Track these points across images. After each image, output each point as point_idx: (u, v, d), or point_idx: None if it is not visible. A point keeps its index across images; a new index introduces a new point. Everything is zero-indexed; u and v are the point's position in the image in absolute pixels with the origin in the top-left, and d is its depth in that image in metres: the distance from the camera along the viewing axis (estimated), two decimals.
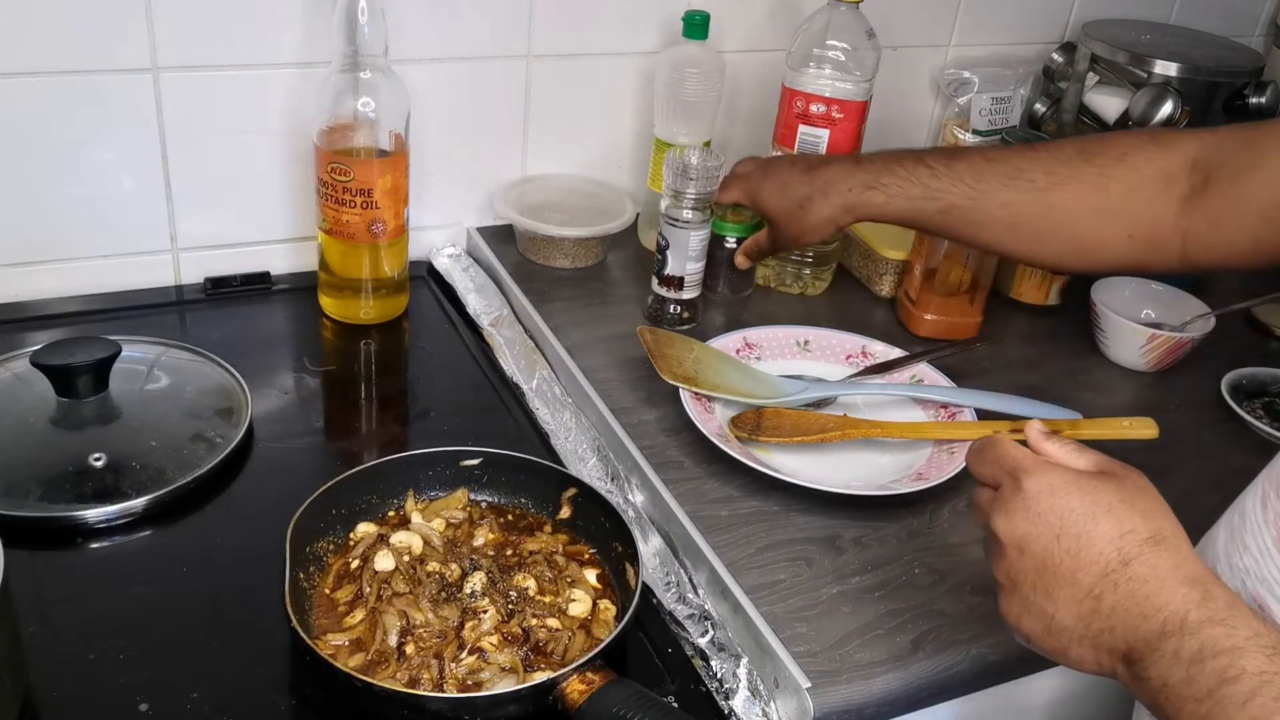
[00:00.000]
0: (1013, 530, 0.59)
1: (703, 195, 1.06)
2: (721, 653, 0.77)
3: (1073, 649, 0.58)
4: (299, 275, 1.19)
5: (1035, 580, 0.58)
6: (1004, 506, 0.60)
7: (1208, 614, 0.54)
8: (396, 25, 1.08)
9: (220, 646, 0.75)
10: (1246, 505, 0.63)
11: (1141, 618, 0.55)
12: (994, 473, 0.62)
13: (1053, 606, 0.58)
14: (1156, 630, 0.54)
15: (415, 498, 0.86)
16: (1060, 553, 0.57)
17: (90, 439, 0.89)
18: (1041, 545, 0.58)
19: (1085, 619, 0.57)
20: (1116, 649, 0.56)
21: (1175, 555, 0.56)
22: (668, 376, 0.97)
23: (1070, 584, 0.57)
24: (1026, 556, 0.59)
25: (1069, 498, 0.58)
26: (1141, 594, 0.55)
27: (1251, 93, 1.30)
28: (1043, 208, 0.91)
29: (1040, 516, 0.58)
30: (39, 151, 1.05)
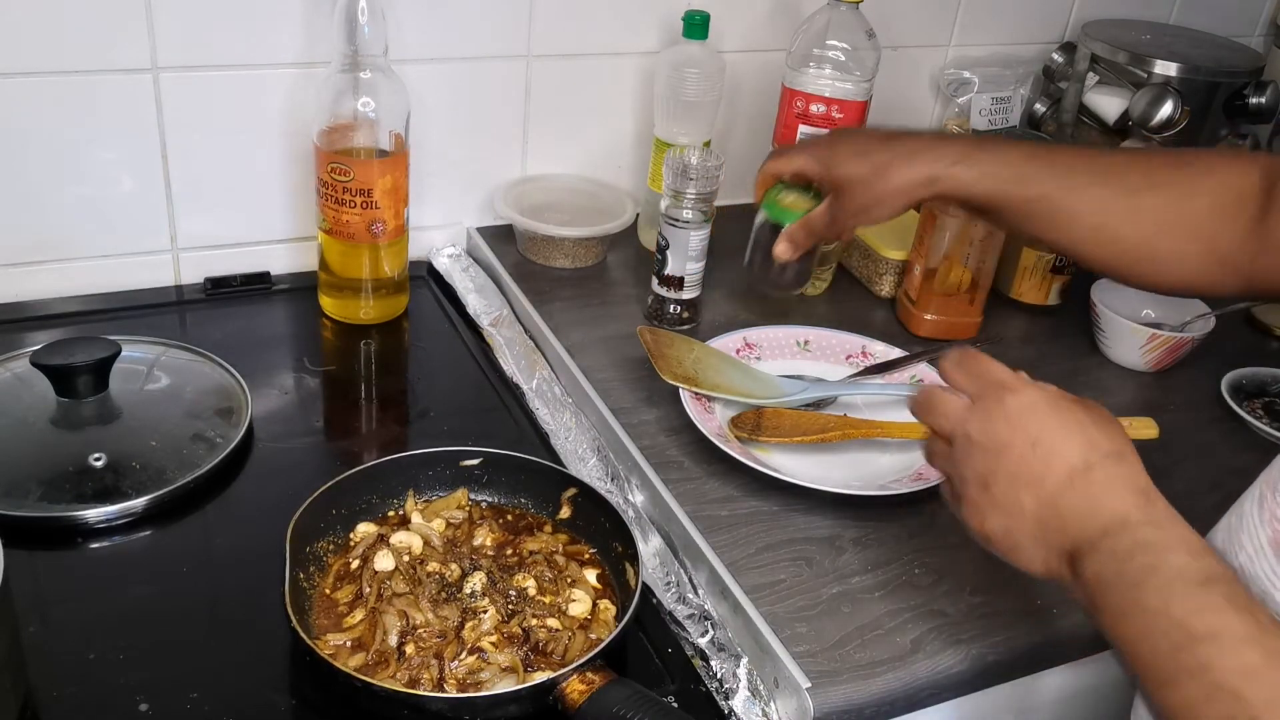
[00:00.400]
0: (994, 436, 0.64)
1: (703, 195, 1.06)
2: (721, 653, 0.77)
3: (1026, 548, 0.64)
4: (299, 275, 1.19)
5: (1007, 483, 0.63)
6: (986, 414, 0.65)
7: (1146, 517, 0.60)
8: (396, 25, 1.08)
9: (220, 646, 0.75)
10: (1245, 506, 0.64)
11: (1090, 517, 0.61)
12: (975, 383, 0.66)
13: (1017, 506, 0.63)
14: (1100, 529, 0.60)
15: (415, 498, 0.86)
16: (1034, 458, 0.62)
17: (90, 439, 0.89)
18: (1018, 451, 0.63)
19: (1044, 520, 0.62)
20: (1064, 548, 0.62)
21: (1131, 469, 0.62)
22: (667, 376, 0.97)
23: (1037, 487, 0.62)
24: (1003, 460, 0.63)
25: (1047, 413, 0.64)
26: (1094, 496, 0.61)
27: (1251, 93, 1.30)
28: (1130, 211, 0.86)
29: (1022, 426, 0.63)
30: (39, 151, 1.05)
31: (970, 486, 0.65)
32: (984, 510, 0.65)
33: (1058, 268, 1.21)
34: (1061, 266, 1.22)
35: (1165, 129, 1.29)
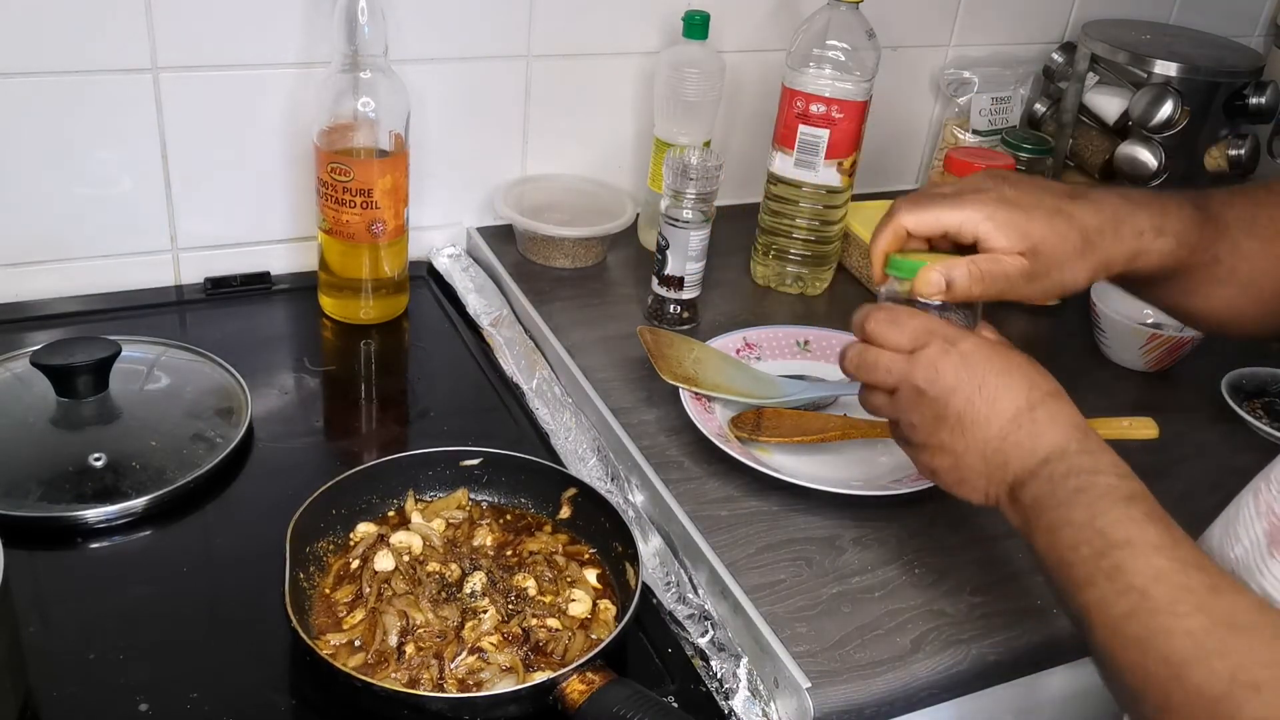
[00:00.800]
0: (941, 384, 0.68)
1: (703, 195, 1.06)
2: (721, 653, 0.77)
3: (970, 481, 0.69)
4: (299, 275, 1.19)
5: (955, 424, 0.68)
6: (934, 363, 0.68)
7: (1081, 447, 0.65)
8: (396, 25, 1.08)
9: (220, 646, 0.75)
10: (1244, 500, 0.65)
11: (1032, 451, 0.66)
12: (918, 337, 0.69)
13: (964, 446, 0.68)
14: (1041, 459, 0.65)
15: (415, 498, 0.86)
16: (980, 401, 0.67)
17: (90, 439, 0.89)
18: (965, 395, 0.68)
19: (988, 457, 0.67)
20: (1005, 480, 0.67)
21: (1068, 406, 0.68)
22: (667, 376, 0.97)
23: (984, 427, 0.67)
24: (950, 406, 0.68)
25: (989, 357, 0.68)
26: (1038, 432, 0.66)
27: (1251, 93, 1.30)
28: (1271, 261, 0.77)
29: (966, 373, 0.68)
30: (39, 151, 1.05)
31: (919, 431, 0.70)
32: (932, 450, 0.70)
33: None
34: None
35: (1165, 129, 1.29)
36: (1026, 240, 0.71)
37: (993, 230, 0.71)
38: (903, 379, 0.70)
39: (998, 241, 0.72)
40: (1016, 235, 0.71)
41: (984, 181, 0.75)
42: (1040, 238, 0.72)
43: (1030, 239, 0.71)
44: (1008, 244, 0.71)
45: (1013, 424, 0.67)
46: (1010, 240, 0.71)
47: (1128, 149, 1.32)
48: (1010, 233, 0.71)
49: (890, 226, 0.75)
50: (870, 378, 0.72)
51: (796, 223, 1.19)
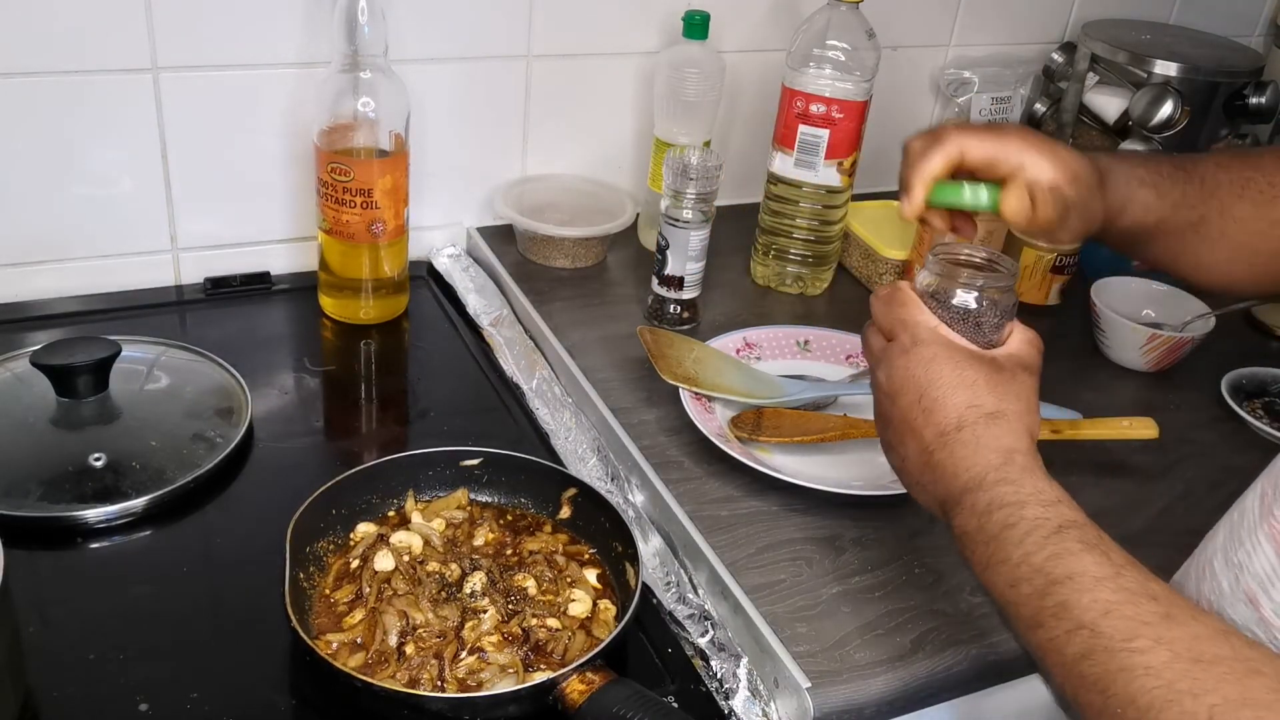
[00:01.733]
0: (891, 382, 0.67)
1: (703, 195, 1.06)
2: (721, 653, 0.77)
3: (912, 489, 0.68)
4: (299, 275, 1.19)
5: (897, 427, 0.68)
6: (890, 361, 0.68)
7: (1001, 475, 0.62)
8: (396, 25, 1.08)
9: (220, 646, 0.75)
10: (1247, 504, 0.64)
11: (953, 476, 0.64)
12: (890, 325, 0.69)
13: (904, 451, 0.67)
14: (961, 487, 0.63)
15: (415, 498, 0.86)
16: (918, 410, 0.66)
17: (90, 439, 0.89)
18: (907, 400, 0.66)
19: (920, 469, 0.66)
20: (937, 497, 0.66)
21: (1001, 429, 0.64)
22: (668, 377, 0.97)
23: (917, 438, 0.66)
24: (895, 407, 0.67)
25: (942, 367, 0.66)
26: (959, 455, 0.64)
27: (1251, 93, 1.30)
28: (1267, 224, 0.80)
29: (914, 378, 0.66)
30: (39, 151, 1.05)
31: (877, 422, 0.71)
32: (887, 444, 0.70)
33: (1058, 267, 1.22)
34: (1061, 266, 1.22)
35: (1165, 129, 1.29)
36: (1067, 168, 0.74)
37: (1037, 158, 0.73)
38: (874, 366, 0.70)
39: (1041, 169, 0.73)
40: (1058, 163, 0.73)
41: (990, 128, 0.76)
42: (1077, 166, 0.74)
43: (1070, 167, 0.74)
44: (1051, 171, 0.73)
45: (938, 442, 0.65)
46: (1054, 167, 0.73)
47: (1128, 149, 1.32)
48: (1053, 160, 0.73)
49: (943, 150, 0.73)
50: (865, 354, 0.73)
51: (796, 223, 1.19)
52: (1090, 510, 0.73)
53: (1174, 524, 0.91)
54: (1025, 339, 0.69)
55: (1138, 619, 0.54)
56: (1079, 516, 0.60)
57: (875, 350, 0.70)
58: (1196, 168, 0.82)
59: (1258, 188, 0.81)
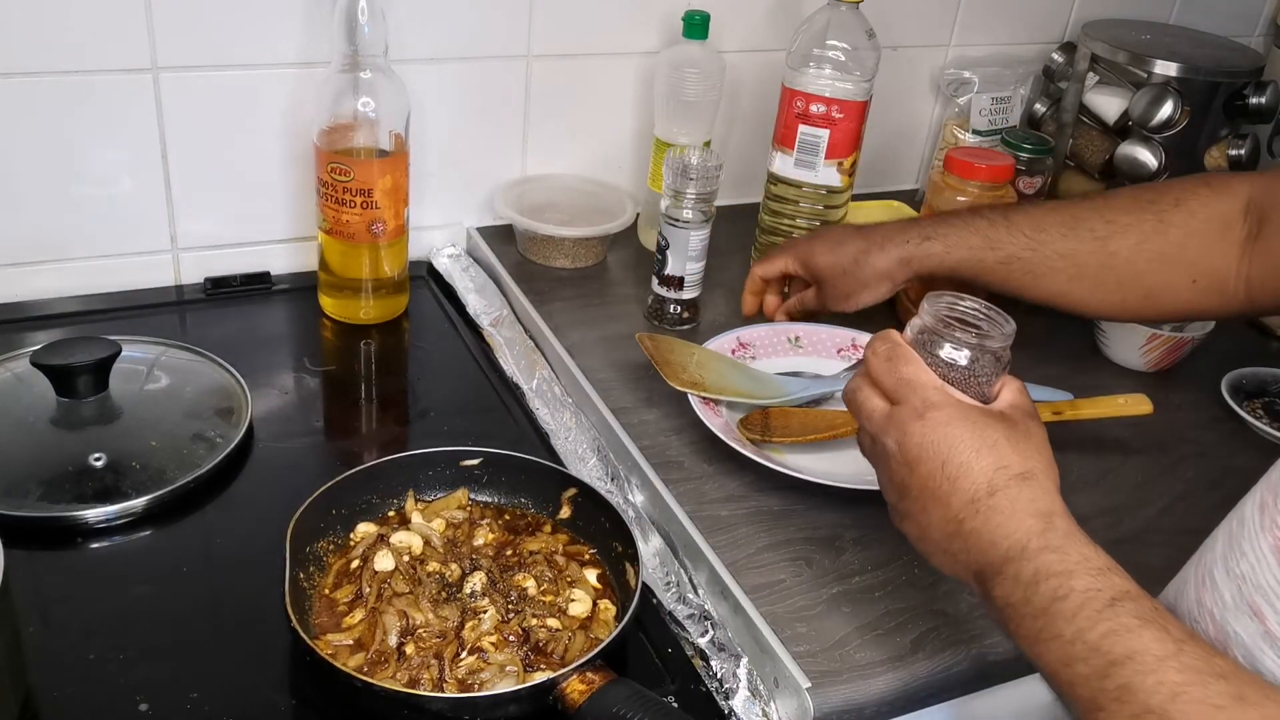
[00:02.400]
0: (907, 449, 0.64)
1: (703, 195, 1.06)
2: (721, 653, 0.77)
3: (935, 557, 0.65)
4: (299, 275, 1.19)
5: (917, 495, 0.64)
6: (903, 426, 0.64)
7: (1044, 542, 0.59)
8: (396, 25, 1.08)
9: (220, 646, 0.75)
10: (1246, 511, 0.63)
11: (991, 544, 0.61)
12: (896, 388, 0.66)
13: (926, 520, 0.64)
14: (1001, 556, 0.60)
15: (415, 498, 0.86)
16: (942, 478, 0.63)
17: (90, 439, 0.89)
18: (928, 468, 0.63)
19: (949, 538, 0.63)
20: (970, 567, 0.62)
21: (1035, 490, 0.62)
22: (675, 384, 0.96)
23: (943, 506, 0.63)
24: (914, 475, 0.64)
25: (962, 429, 0.63)
26: (995, 523, 0.61)
27: (1251, 93, 1.30)
28: (1104, 256, 0.91)
29: (933, 444, 0.63)
30: (39, 151, 1.05)
31: (888, 490, 0.67)
32: (900, 514, 0.67)
33: None
34: None
35: (1165, 129, 1.29)
36: (812, 269, 1.04)
37: (796, 268, 1.06)
38: (878, 432, 0.66)
39: (799, 273, 1.06)
40: (806, 268, 1.05)
41: (805, 236, 1.10)
42: (822, 264, 1.03)
43: (814, 268, 1.04)
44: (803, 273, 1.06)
45: (969, 509, 0.62)
46: (804, 272, 1.06)
47: (1128, 149, 1.32)
48: (803, 268, 1.05)
49: (750, 279, 1.10)
50: (854, 413, 0.70)
51: (796, 223, 1.19)
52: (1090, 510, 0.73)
53: (1174, 524, 0.91)
54: (1016, 386, 0.68)
55: (1209, 702, 0.51)
56: (1131, 586, 0.57)
57: (877, 415, 0.67)
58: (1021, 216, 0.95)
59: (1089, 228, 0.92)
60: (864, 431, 0.69)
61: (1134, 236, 0.90)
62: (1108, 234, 0.91)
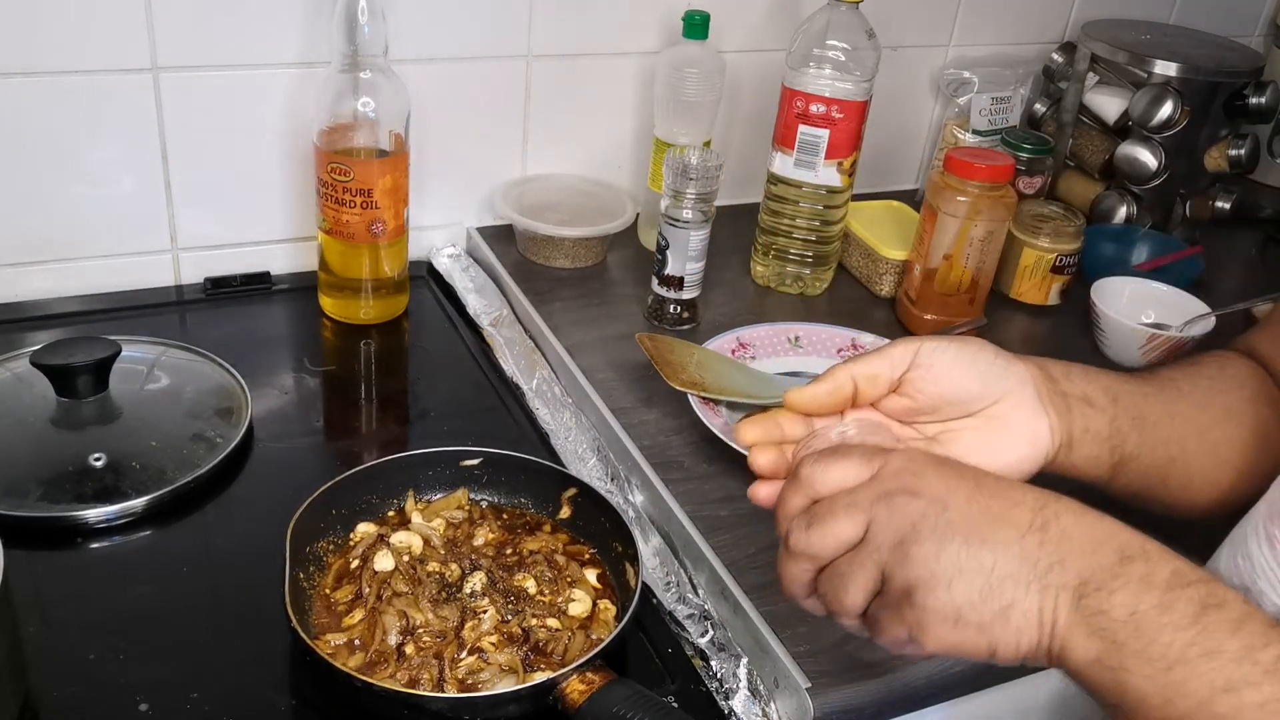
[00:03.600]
0: (929, 481, 0.53)
1: (703, 195, 1.06)
2: (721, 653, 0.77)
3: (1019, 603, 0.50)
4: (299, 275, 1.19)
5: (968, 531, 0.51)
6: (906, 468, 0.54)
7: (1160, 548, 0.51)
8: (396, 25, 1.08)
9: (220, 646, 0.75)
10: (1250, 548, 0.59)
11: (1094, 547, 0.51)
12: (872, 456, 0.55)
13: (992, 554, 0.51)
14: (1114, 557, 0.50)
15: (415, 498, 0.86)
16: (988, 495, 0.53)
17: (90, 439, 0.89)
18: (966, 492, 0.53)
19: (1032, 556, 0.51)
20: (1068, 585, 0.50)
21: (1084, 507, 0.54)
22: (676, 384, 0.96)
23: (1007, 522, 0.51)
24: (951, 508, 0.52)
25: (963, 464, 0.56)
26: (1086, 522, 0.52)
27: (1251, 93, 1.31)
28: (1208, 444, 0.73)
29: (954, 470, 0.54)
30: (39, 151, 1.05)
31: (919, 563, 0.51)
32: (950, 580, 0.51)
33: (1058, 268, 1.22)
34: (1061, 267, 1.22)
35: (1165, 129, 1.29)
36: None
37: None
38: (874, 503, 0.53)
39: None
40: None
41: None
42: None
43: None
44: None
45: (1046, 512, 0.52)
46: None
47: (1128, 149, 1.32)
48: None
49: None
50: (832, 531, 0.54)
51: (796, 223, 1.19)
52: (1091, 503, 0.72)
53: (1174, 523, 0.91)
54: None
55: None
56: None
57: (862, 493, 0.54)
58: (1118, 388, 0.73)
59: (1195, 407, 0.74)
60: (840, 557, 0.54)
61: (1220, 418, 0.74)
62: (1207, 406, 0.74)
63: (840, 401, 0.65)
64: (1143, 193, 1.34)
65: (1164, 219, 1.36)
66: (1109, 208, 1.35)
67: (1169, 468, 0.70)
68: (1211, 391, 0.73)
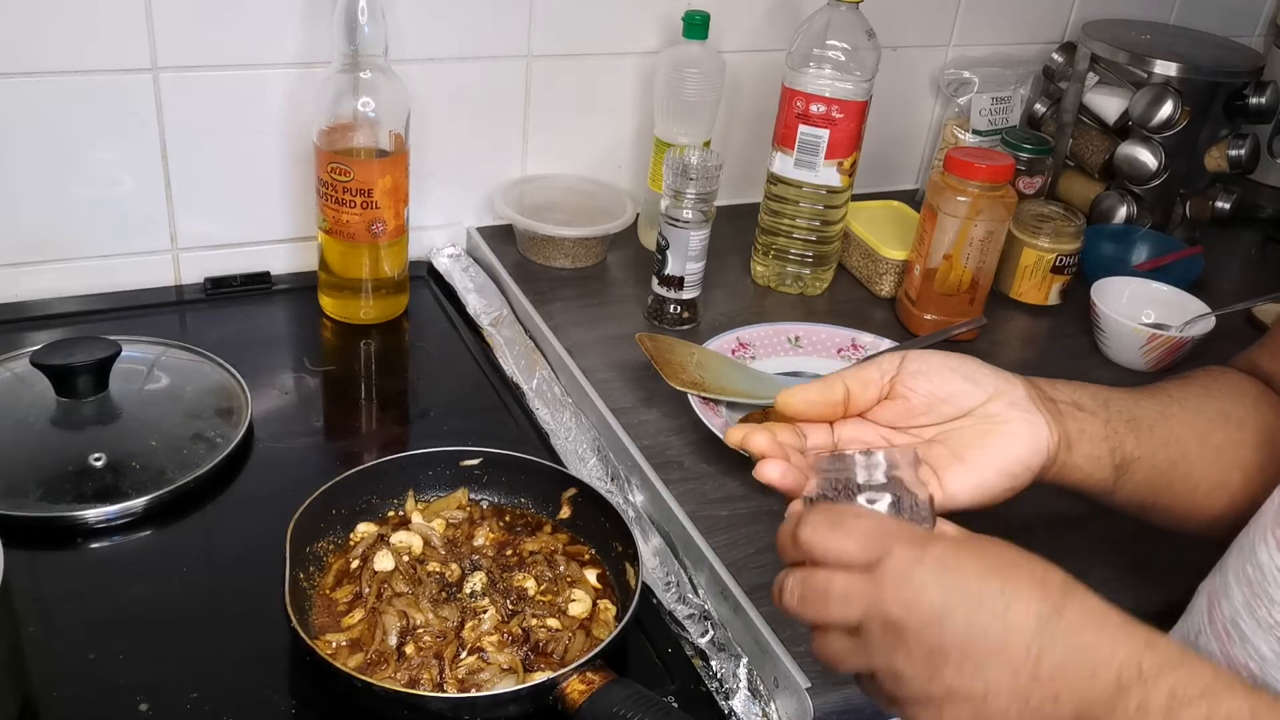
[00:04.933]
0: (926, 603, 0.50)
1: (703, 195, 1.06)
2: (721, 653, 0.77)
3: None
4: (299, 275, 1.19)
5: (961, 658, 0.49)
6: (905, 579, 0.51)
7: (1160, 659, 0.49)
8: (396, 25, 1.08)
9: (220, 646, 0.75)
10: (1261, 557, 0.58)
11: (1090, 675, 0.48)
12: (871, 542, 0.52)
13: (983, 685, 0.49)
14: (1111, 687, 0.48)
15: (415, 498, 0.86)
16: (987, 617, 0.49)
17: (90, 439, 0.89)
18: (963, 615, 0.50)
19: (1024, 692, 0.49)
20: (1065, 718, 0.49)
21: (1096, 599, 0.51)
22: (675, 384, 0.96)
23: (1002, 652, 0.49)
24: (948, 632, 0.50)
25: (975, 556, 0.52)
26: (1083, 645, 0.49)
27: (1251, 93, 1.31)
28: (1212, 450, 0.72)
29: (957, 581, 0.50)
30: (39, 151, 1.05)
31: (910, 682, 0.51)
32: (938, 704, 0.51)
33: (1058, 268, 1.22)
34: (1061, 266, 1.22)
35: (1165, 129, 1.29)
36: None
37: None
38: (869, 609, 0.51)
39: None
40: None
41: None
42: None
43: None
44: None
45: (1042, 639, 0.49)
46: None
47: (1128, 149, 1.32)
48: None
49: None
50: (823, 614, 0.53)
51: (796, 223, 1.19)
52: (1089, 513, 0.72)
53: None
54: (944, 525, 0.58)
55: None
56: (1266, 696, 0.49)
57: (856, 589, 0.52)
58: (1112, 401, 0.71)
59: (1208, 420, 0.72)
60: (832, 632, 0.54)
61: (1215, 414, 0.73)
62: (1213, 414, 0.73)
63: (831, 405, 0.65)
64: (1143, 193, 1.34)
65: (1164, 219, 1.36)
66: (1109, 208, 1.35)
67: (1172, 470, 0.69)
68: (1205, 398, 0.73)
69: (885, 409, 0.65)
